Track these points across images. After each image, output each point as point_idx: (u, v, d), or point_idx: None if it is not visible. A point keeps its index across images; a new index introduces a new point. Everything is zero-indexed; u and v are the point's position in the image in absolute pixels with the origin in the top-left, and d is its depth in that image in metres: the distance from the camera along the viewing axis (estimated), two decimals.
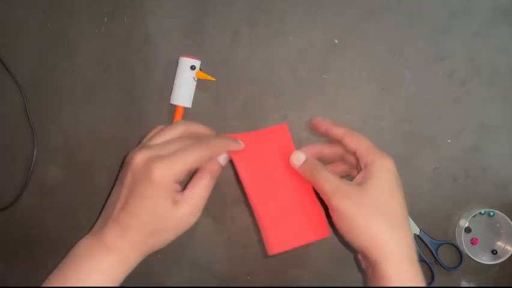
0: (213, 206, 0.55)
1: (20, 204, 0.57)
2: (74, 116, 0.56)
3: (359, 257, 0.43)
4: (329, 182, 0.41)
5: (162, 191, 0.39)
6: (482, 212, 0.53)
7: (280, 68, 0.54)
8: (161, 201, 0.39)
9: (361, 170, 0.43)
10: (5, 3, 0.57)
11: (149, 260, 0.56)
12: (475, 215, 0.52)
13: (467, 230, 0.53)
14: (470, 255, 0.51)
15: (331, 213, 0.41)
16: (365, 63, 0.54)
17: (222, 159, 0.44)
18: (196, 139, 0.43)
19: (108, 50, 0.56)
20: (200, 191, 0.42)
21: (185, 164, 0.40)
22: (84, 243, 0.41)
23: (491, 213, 0.53)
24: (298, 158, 0.44)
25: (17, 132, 0.57)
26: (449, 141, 0.54)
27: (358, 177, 0.42)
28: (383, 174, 0.41)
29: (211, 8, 0.55)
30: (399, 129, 0.54)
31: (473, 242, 0.53)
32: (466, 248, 0.51)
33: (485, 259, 0.52)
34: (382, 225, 0.39)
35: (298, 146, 0.54)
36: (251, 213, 0.45)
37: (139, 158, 0.39)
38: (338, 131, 0.45)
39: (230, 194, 0.55)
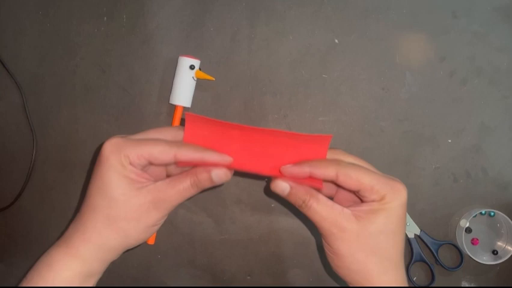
0: (213, 206, 0.55)
1: (20, 204, 0.57)
2: (74, 116, 0.56)
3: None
4: (323, 219, 0.37)
5: (112, 169, 0.35)
6: (483, 212, 0.53)
7: (280, 68, 0.54)
8: (111, 180, 0.35)
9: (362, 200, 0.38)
10: (5, 3, 0.57)
11: (150, 260, 0.56)
12: (475, 215, 0.52)
13: (468, 230, 0.53)
14: (471, 256, 0.51)
15: (326, 248, 0.39)
16: (365, 63, 0.54)
17: (215, 174, 0.37)
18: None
19: (107, 50, 0.56)
20: (173, 187, 0.37)
21: (142, 148, 0.35)
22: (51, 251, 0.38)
23: (492, 214, 0.53)
24: (282, 188, 0.38)
25: (16, 132, 0.57)
26: (449, 141, 0.54)
27: (362, 208, 0.37)
28: (391, 215, 0.36)
29: (211, 8, 0.54)
30: (399, 129, 0.54)
31: (473, 242, 0.53)
32: (467, 248, 0.51)
33: (486, 259, 0.52)
34: (378, 266, 0.37)
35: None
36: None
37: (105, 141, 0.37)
38: (326, 172, 0.36)
39: (230, 194, 0.55)
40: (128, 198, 0.36)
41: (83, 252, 0.37)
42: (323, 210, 0.37)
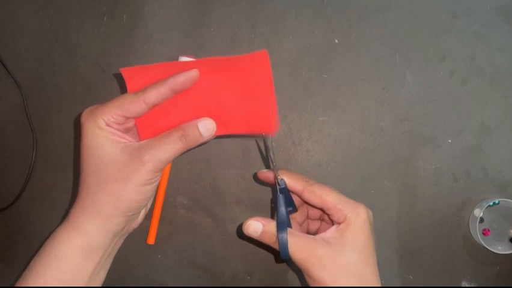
0: (213, 206, 0.55)
1: (20, 204, 0.57)
2: (74, 116, 0.56)
3: None
4: (299, 251, 0.37)
5: (91, 133, 0.36)
6: (491, 203, 0.52)
7: (280, 68, 0.54)
8: (92, 143, 0.36)
9: (331, 221, 0.40)
10: (5, 3, 0.57)
11: (150, 259, 0.56)
12: (485, 206, 0.51)
13: (481, 220, 0.52)
14: (486, 246, 0.51)
15: (309, 282, 0.39)
16: (365, 63, 0.54)
17: (202, 126, 0.38)
18: None
19: (108, 50, 0.56)
20: (159, 142, 0.37)
21: (112, 106, 0.36)
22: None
23: (497, 202, 0.52)
24: (255, 229, 0.39)
25: (17, 132, 0.57)
26: (449, 141, 0.54)
27: (330, 235, 0.38)
28: (357, 233, 0.38)
29: (211, 8, 0.54)
30: (399, 129, 0.54)
31: (484, 233, 0.53)
32: (481, 239, 0.51)
33: (501, 249, 0.52)
34: (357, 285, 0.37)
35: (299, 146, 0.54)
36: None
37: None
38: (295, 185, 0.40)
39: (230, 194, 0.55)
40: (113, 158, 0.36)
41: (82, 223, 0.37)
42: (297, 241, 0.38)
